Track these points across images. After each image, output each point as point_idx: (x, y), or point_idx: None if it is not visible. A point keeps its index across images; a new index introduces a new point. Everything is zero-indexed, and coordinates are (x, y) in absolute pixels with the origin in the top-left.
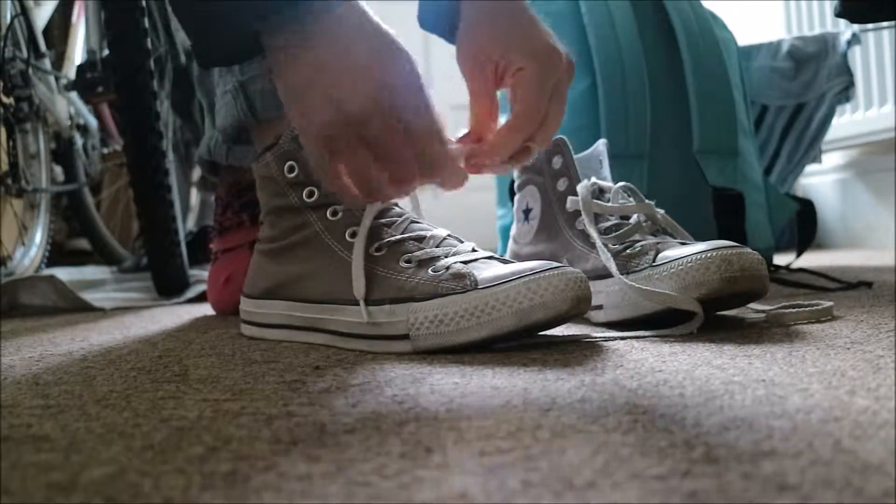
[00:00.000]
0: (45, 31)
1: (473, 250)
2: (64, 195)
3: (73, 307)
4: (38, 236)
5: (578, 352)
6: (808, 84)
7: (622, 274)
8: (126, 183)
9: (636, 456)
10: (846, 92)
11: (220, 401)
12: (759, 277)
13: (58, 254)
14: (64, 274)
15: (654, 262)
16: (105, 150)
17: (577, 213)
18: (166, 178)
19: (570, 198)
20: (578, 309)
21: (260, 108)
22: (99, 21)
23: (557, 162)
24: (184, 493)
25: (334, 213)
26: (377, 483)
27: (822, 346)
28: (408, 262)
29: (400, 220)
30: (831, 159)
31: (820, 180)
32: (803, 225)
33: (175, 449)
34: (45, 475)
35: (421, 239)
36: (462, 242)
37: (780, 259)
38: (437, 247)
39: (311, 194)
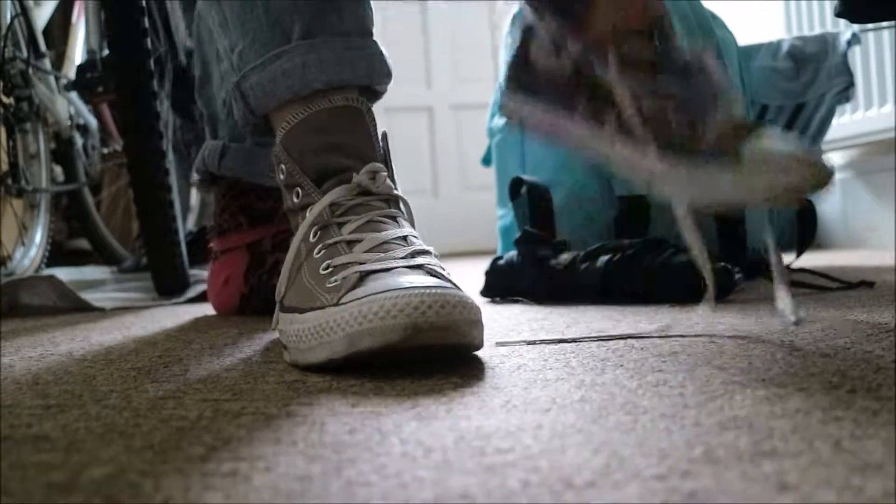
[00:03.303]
0: (45, 31)
1: (412, 255)
2: (64, 195)
3: (73, 307)
4: (38, 236)
5: (578, 351)
6: (808, 84)
7: None
8: (126, 183)
9: (636, 456)
10: (846, 92)
11: (220, 401)
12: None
13: (58, 254)
14: (64, 274)
15: None
16: (105, 150)
17: None
18: (166, 178)
19: None
20: (420, 339)
21: (254, 103)
22: (99, 21)
23: None
24: (184, 493)
25: (311, 210)
26: (377, 483)
27: (822, 346)
28: (326, 268)
29: (356, 218)
30: (831, 159)
31: None
32: (803, 225)
33: (175, 449)
34: (45, 475)
35: (353, 242)
36: (406, 245)
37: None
38: (367, 251)
39: (297, 195)
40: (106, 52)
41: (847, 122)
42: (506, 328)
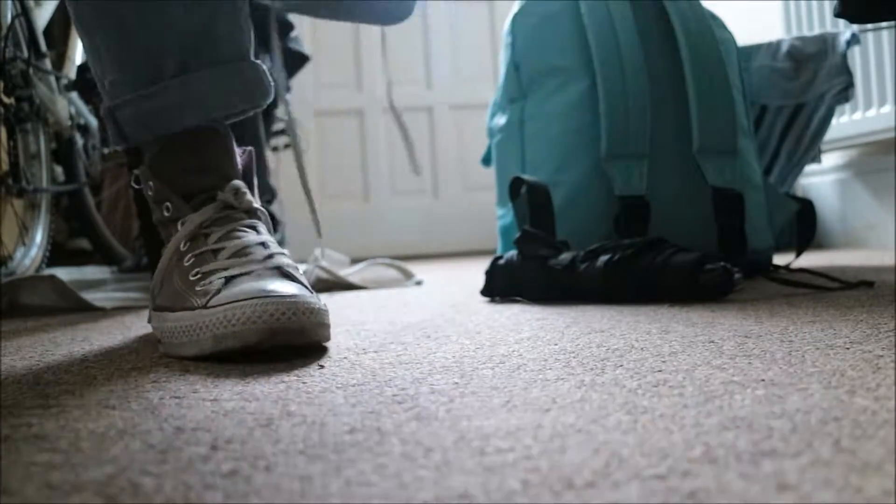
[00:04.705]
0: (46, 31)
1: (268, 258)
2: (64, 195)
3: (73, 307)
4: (39, 236)
5: (578, 352)
6: (807, 84)
7: None
8: (126, 183)
9: (636, 456)
10: (846, 92)
11: (219, 401)
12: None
13: (58, 254)
14: (64, 274)
15: None
16: (105, 150)
17: None
18: None
19: None
20: (275, 341)
21: (129, 132)
22: None
23: None
24: (184, 493)
25: (182, 224)
26: (377, 483)
27: (822, 346)
28: (195, 274)
29: (219, 229)
30: (831, 159)
31: (820, 180)
32: (803, 225)
33: (175, 449)
34: (45, 475)
35: (218, 250)
36: (263, 249)
37: (780, 259)
38: (229, 257)
39: (167, 209)
40: None
41: (847, 122)
42: (506, 328)
